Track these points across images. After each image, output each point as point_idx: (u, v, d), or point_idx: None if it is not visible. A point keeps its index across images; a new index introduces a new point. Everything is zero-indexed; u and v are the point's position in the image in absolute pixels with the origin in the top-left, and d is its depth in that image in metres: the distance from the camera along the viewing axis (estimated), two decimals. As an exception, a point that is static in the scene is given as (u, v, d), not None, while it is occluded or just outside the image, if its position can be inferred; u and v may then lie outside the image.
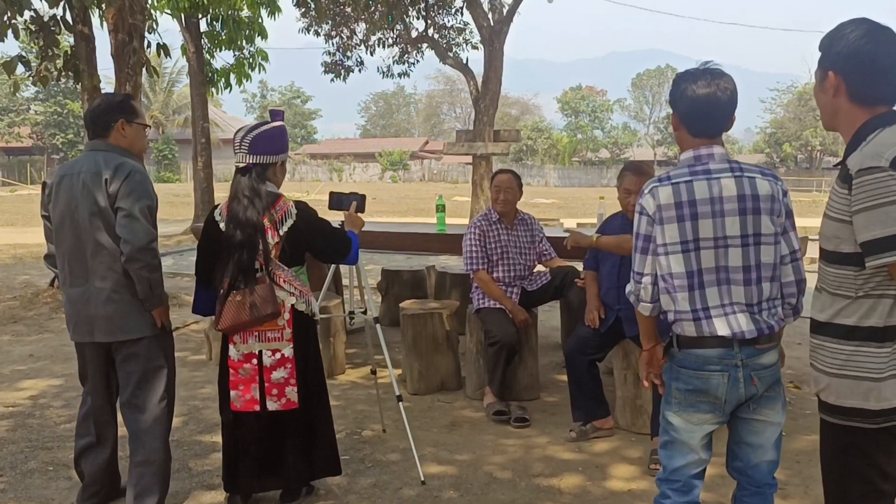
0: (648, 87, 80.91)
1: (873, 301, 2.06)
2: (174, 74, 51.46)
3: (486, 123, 17.40)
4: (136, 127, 3.46)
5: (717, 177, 2.46)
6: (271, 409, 3.43)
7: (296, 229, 3.37)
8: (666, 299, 2.52)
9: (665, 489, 2.63)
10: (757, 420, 2.55)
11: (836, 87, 2.15)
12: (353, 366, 6.05)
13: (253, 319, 3.32)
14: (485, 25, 17.31)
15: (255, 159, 3.38)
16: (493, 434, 4.56)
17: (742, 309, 2.45)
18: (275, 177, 3.48)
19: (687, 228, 2.44)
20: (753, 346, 2.46)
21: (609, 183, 53.29)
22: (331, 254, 3.66)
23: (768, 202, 2.46)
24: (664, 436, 2.63)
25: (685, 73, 2.57)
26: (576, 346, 4.52)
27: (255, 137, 3.39)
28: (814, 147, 56.78)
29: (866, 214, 1.99)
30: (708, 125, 2.51)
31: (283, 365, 3.41)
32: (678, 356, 2.53)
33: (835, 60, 2.15)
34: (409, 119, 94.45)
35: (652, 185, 2.52)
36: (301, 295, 3.43)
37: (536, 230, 5.35)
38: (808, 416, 4.85)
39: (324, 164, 59.32)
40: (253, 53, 14.72)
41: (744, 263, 2.45)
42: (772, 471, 2.63)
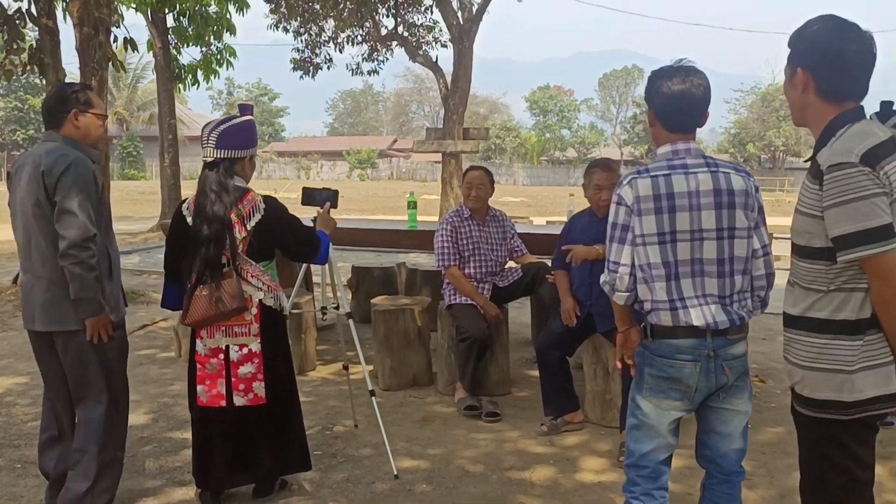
0: (615, 88, 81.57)
1: (845, 295, 2.10)
2: (139, 70, 50.72)
3: (456, 122, 17.44)
4: (90, 117, 3.36)
5: (694, 171, 2.52)
6: (238, 405, 3.41)
7: (264, 224, 3.35)
8: (643, 289, 2.56)
9: (633, 476, 2.67)
10: (726, 409, 2.61)
11: (805, 84, 2.17)
12: (324, 362, 6.04)
13: (218, 314, 3.32)
14: (454, 24, 17.35)
15: (222, 154, 3.35)
16: (465, 429, 4.59)
17: (715, 300, 2.51)
18: (243, 171, 3.46)
19: (665, 220, 2.49)
20: (725, 336, 2.52)
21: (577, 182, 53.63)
22: (299, 251, 3.62)
23: (742, 197, 2.53)
24: (632, 419, 2.68)
25: (660, 70, 2.61)
26: (547, 342, 4.57)
27: (222, 132, 3.37)
28: (777, 147, 57.68)
29: (837, 210, 2.02)
30: (683, 121, 2.56)
31: (250, 360, 3.40)
32: (652, 345, 2.59)
33: (803, 57, 2.17)
34: (378, 117, 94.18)
35: (631, 176, 2.56)
36: (269, 290, 3.42)
37: (508, 227, 5.39)
38: (773, 409, 4.96)
39: (291, 162, 58.93)
40: (221, 49, 14.58)
41: (718, 256, 2.51)
42: (739, 459, 2.70)
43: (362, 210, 25.26)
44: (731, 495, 2.71)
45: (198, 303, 3.33)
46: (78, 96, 3.35)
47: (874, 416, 2.13)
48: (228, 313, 3.33)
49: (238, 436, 3.48)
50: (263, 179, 52.73)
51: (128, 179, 46.14)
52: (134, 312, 7.90)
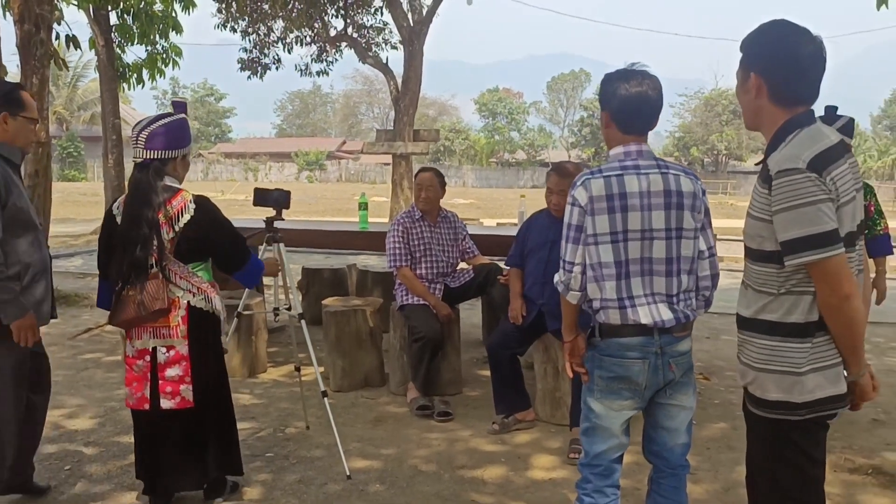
0: (563, 91, 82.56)
1: (795, 298, 2.13)
2: (79, 69, 49.50)
3: (406, 123, 17.44)
4: (21, 121, 3.29)
5: (646, 172, 2.58)
6: (165, 408, 3.31)
7: (192, 224, 3.25)
8: (593, 287, 2.60)
9: (587, 473, 2.73)
10: (672, 405, 2.68)
11: (758, 88, 2.18)
12: (275, 364, 6.00)
13: (141, 316, 3.23)
14: (405, 25, 17.34)
15: (153, 154, 3.26)
16: (417, 428, 4.61)
17: (662, 299, 2.58)
18: (175, 171, 3.36)
19: (617, 220, 2.54)
20: (671, 334, 2.59)
21: (525, 184, 54.07)
22: (225, 257, 3.44)
23: (690, 199, 2.60)
24: (586, 422, 2.73)
25: (616, 73, 2.66)
26: (498, 341, 4.61)
27: (153, 132, 3.28)
28: (720, 151, 59.01)
29: (785, 215, 2.05)
30: (637, 123, 2.62)
31: (177, 362, 3.31)
32: (601, 345, 2.63)
33: (756, 61, 2.19)
34: (326, 119, 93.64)
35: (584, 177, 2.60)
36: (199, 292, 3.33)
37: (459, 228, 5.43)
38: (717, 406, 5.08)
39: (239, 164, 58.23)
40: (166, 48, 14.31)
41: (667, 255, 2.58)
42: (685, 453, 2.78)
43: (311, 212, 25.08)
44: (678, 488, 2.78)
45: (123, 304, 3.26)
46: (9, 98, 3.27)
47: (824, 415, 2.18)
48: (150, 315, 3.23)
49: (166, 440, 3.41)
50: (210, 181, 51.97)
51: (68, 181, 45.05)
52: (78, 316, 7.75)
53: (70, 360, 6.05)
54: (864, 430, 4.59)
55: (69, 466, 3.97)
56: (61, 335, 6.89)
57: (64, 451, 4.18)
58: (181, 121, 3.37)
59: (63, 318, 7.59)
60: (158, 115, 3.36)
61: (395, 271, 5.19)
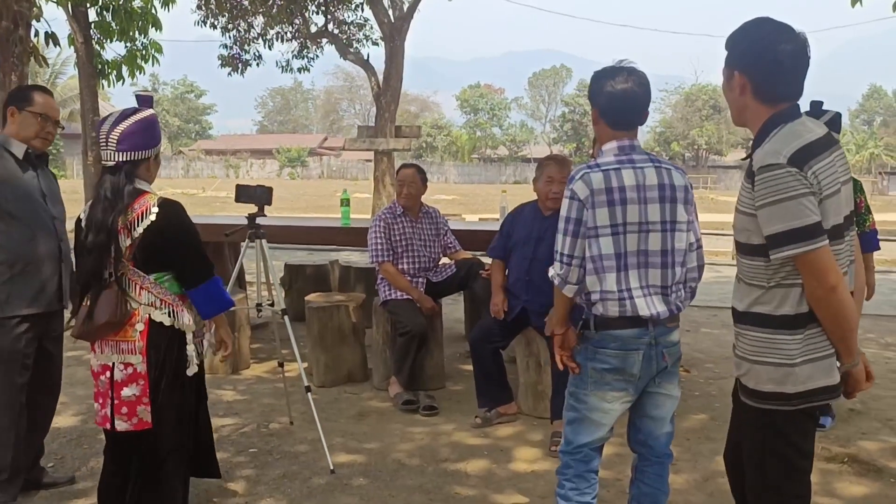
0: (544, 87, 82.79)
1: (784, 290, 2.16)
2: (58, 66, 48.99)
3: (388, 119, 17.46)
4: (26, 115, 3.40)
5: (641, 166, 2.64)
6: (120, 430, 2.99)
7: (152, 230, 2.94)
8: (592, 280, 2.62)
9: (567, 460, 2.77)
10: (660, 394, 2.74)
11: (742, 86, 2.23)
12: (258, 360, 6.01)
13: (90, 329, 2.95)
14: (385, 22, 17.35)
15: (124, 157, 2.97)
16: (401, 423, 4.64)
17: (657, 291, 2.64)
18: (147, 172, 3.09)
19: (617, 212, 2.58)
20: (665, 325, 2.65)
21: (507, 179, 54.15)
22: (181, 268, 3.06)
23: (682, 192, 2.68)
24: (572, 412, 2.76)
25: (604, 71, 2.71)
26: (481, 335, 4.65)
27: (123, 132, 2.96)
28: (700, 146, 59.42)
29: (768, 210, 2.09)
30: (627, 118, 2.68)
31: (135, 381, 2.98)
32: (595, 338, 2.66)
33: (740, 59, 2.23)
34: (308, 115, 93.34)
35: (582, 171, 2.63)
36: (163, 305, 2.99)
37: (441, 223, 5.46)
38: (697, 398, 5.15)
39: (219, 161, 57.90)
40: (146, 45, 14.21)
41: (662, 248, 2.63)
42: (669, 442, 2.84)
43: (293, 209, 25.02)
44: (661, 476, 2.84)
45: (80, 316, 3.00)
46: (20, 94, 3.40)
47: (816, 406, 2.21)
48: (100, 329, 2.93)
49: (125, 462, 3.11)
50: (191, 178, 51.67)
51: (47, 178, 44.49)
52: (58, 314, 7.70)
53: (51, 359, 6.02)
54: (841, 419, 4.67)
55: (52, 464, 3.97)
56: (42, 333, 6.85)
57: (46, 448, 4.17)
58: (151, 118, 3.10)
59: (44, 317, 7.56)
60: (124, 112, 3.07)
61: (378, 267, 5.21)
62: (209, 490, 3.64)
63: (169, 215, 2.99)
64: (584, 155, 58.95)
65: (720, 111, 58.97)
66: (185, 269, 3.05)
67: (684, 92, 63.26)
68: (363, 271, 7.08)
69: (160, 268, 3.01)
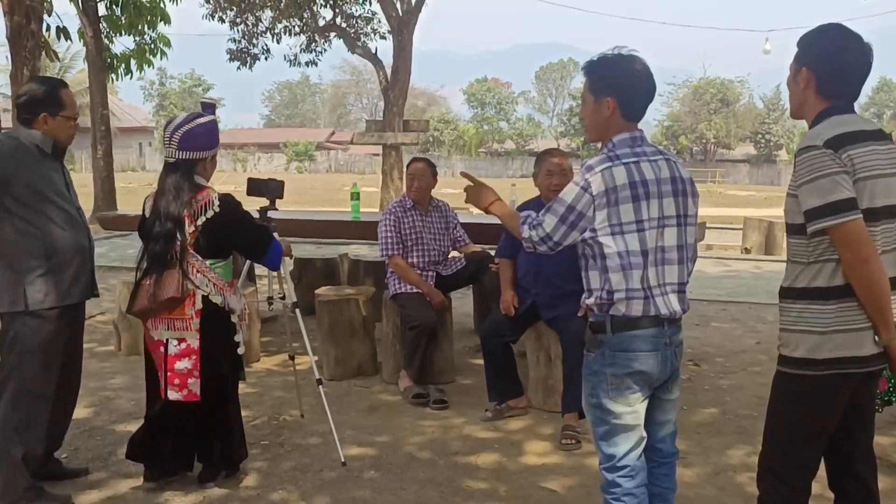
0: (551, 80, 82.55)
1: (821, 265, 2.33)
2: (67, 60, 49.07)
3: (396, 113, 17.46)
4: (60, 120, 3.45)
5: (654, 159, 2.57)
6: (171, 399, 3.41)
7: (215, 221, 3.35)
8: (618, 277, 2.50)
9: (613, 477, 2.61)
10: (667, 400, 2.69)
11: (807, 81, 2.41)
12: (268, 353, 6.03)
13: (153, 305, 3.32)
14: (393, 15, 17.34)
15: (184, 155, 3.38)
16: (411, 416, 4.66)
17: (674, 289, 2.57)
18: (204, 171, 3.49)
19: (642, 208, 2.50)
20: (677, 324, 2.60)
21: (514, 174, 54.06)
22: (249, 249, 3.68)
23: (690, 185, 2.64)
24: (601, 426, 2.62)
25: (619, 57, 2.57)
26: (491, 329, 4.66)
27: (185, 133, 3.37)
28: (708, 140, 59.16)
29: (806, 187, 2.29)
30: (641, 109, 2.60)
31: (187, 355, 3.39)
32: (612, 340, 2.54)
33: (810, 58, 2.42)
34: (315, 109, 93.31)
35: (605, 164, 2.51)
36: (216, 288, 3.40)
37: (451, 217, 5.46)
38: (707, 392, 5.15)
39: (227, 155, 57.94)
40: (154, 39, 14.26)
41: (678, 243, 2.57)
42: (674, 440, 2.80)
43: (301, 203, 25.01)
44: (669, 476, 2.79)
45: (140, 293, 3.37)
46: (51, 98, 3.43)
47: (843, 374, 2.34)
48: (163, 304, 3.32)
49: (171, 428, 3.54)
50: (198, 172, 51.65)
51: (56, 172, 44.65)
52: (69, 307, 7.74)
53: (63, 352, 6.06)
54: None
55: (66, 454, 4.00)
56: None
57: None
58: (211, 123, 3.47)
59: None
60: (190, 116, 3.46)
61: (387, 260, 5.22)
62: (222, 483, 3.66)
63: (229, 207, 3.40)
64: (590, 149, 58.84)
65: (728, 105, 58.76)
66: (252, 247, 3.61)
67: (692, 85, 62.90)
68: (372, 265, 7.09)
69: (218, 254, 3.43)
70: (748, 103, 61.74)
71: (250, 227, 3.58)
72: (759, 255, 12.73)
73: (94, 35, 14.89)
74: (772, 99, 59.69)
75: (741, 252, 13.25)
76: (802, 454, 2.47)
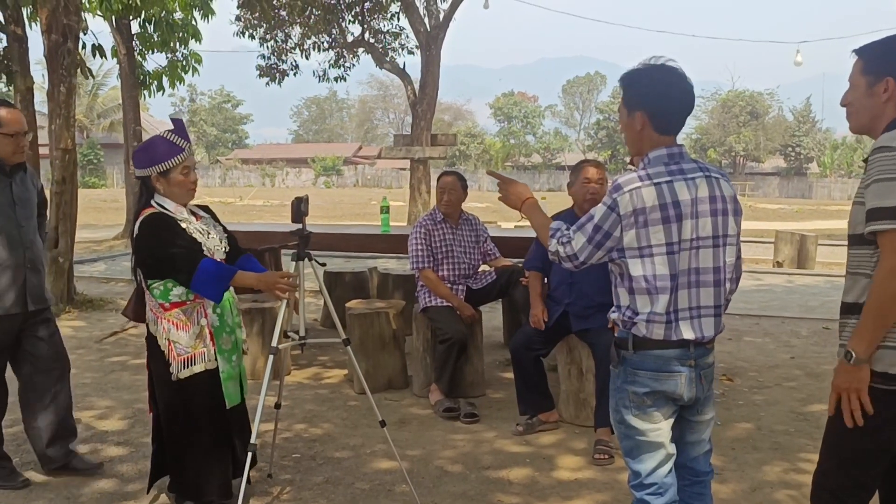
0: (578, 94, 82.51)
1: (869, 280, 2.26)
2: (99, 77, 50.01)
3: (424, 128, 17.52)
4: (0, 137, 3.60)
5: (692, 177, 2.45)
6: None
7: (137, 241, 3.34)
8: (644, 300, 2.44)
9: (641, 495, 2.57)
10: (697, 421, 2.61)
11: (892, 93, 2.30)
12: (299, 367, 6.05)
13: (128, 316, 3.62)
14: (421, 31, 17.44)
15: (137, 172, 3.42)
16: (442, 430, 4.64)
17: (709, 312, 2.48)
18: (167, 189, 3.35)
19: (673, 230, 2.40)
20: (705, 346, 2.52)
21: (542, 187, 54.01)
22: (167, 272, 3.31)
23: (732, 203, 2.51)
24: (627, 441, 2.58)
25: (651, 69, 2.50)
26: (522, 342, 4.64)
27: (134, 152, 3.46)
28: (737, 153, 58.70)
29: (876, 186, 2.19)
30: (677, 122, 2.49)
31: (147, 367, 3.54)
32: (632, 359, 2.50)
33: (889, 67, 2.30)
34: (342, 124, 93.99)
35: (634, 185, 2.41)
36: (149, 310, 3.40)
37: (481, 230, 5.46)
38: (741, 407, 5.08)
39: (256, 170, 58.56)
40: (186, 56, 14.46)
41: (714, 264, 2.47)
42: (708, 459, 2.72)
43: (330, 217, 25.20)
44: (703, 494, 2.71)
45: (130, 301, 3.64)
46: None
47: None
48: (129, 317, 3.61)
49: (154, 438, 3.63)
50: (227, 187, 52.33)
51: (89, 188, 45.42)
52: (104, 319, 7.85)
53: (98, 363, 6.14)
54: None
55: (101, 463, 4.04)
56: (88, 338, 6.99)
57: (95, 450, 4.25)
58: (151, 140, 3.42)
59: (89, 322, 7.71)
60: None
61: (418, 273, 5.23)
62: (254, 496, 3.68)
63: (146, 227, 3.29)
64: (618, 162, 58.63)
65: (757, 117, 58.30)
66: (165, 271, 3.32)
67: (721, 98, 62.55)
68: (402, 278, 7.10)
69: (150, 275, 3.36)
70: (778, 115, 61.26)
71: (156, 249, 3.28)
72: (792, 269, 12.58)
73: (127, 52, 15.13)
74: (802, 111, 59.12)
75: (773, 265, 13.10)
76: (864, 473, 2.38)
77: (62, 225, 7.99)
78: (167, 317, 3.33)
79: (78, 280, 9.23)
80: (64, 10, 7.36)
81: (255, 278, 3.35)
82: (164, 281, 3.32)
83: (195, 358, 3.33)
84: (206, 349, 3.36)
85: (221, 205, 30.34)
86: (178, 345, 3.32)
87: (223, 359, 3.42)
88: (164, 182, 3.34)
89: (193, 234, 3.36)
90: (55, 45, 7.40)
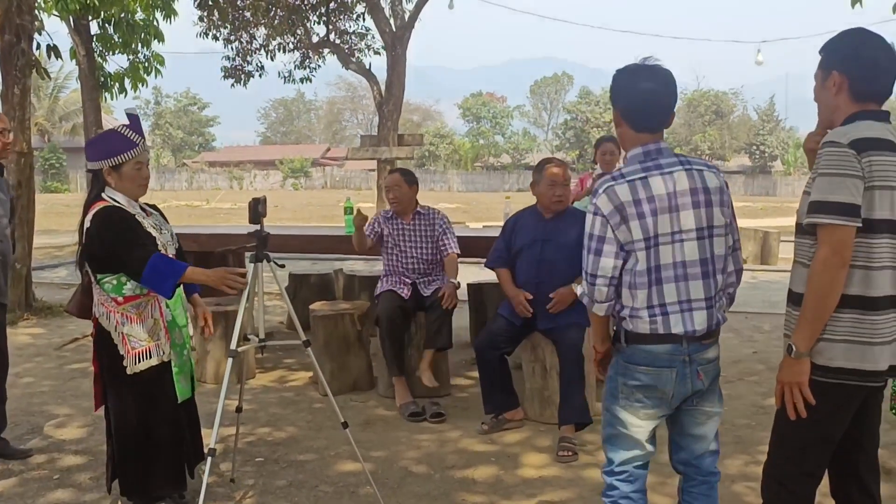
0: (546, 94, 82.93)
1: None
2: (60, 80, 49.15)
3: (391, 128, 17.46)
4: None
5: (670, 171, 2.47)
6: None
7: (87, 236, 3.30)
8: (626, 295, 2.48)
9: (612, 481, 2.63)
10: (700, 411, 2.60)
11: (840, 86, 2.36)
12: (264, 370, 5.99)
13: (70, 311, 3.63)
14: (387, 31, 17.38)
15: (88, 166, 3.39)
16: (407, 430, 4.62)
17: (700, 305, 2.48)
18: (119, 183, 3.32)
19: (648, 224, 2.42)
20: (700, 341, 2.49)
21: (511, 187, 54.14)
22: (120, 266, 3.30)
23: (718, 194, 2.51)
24: (608, 428, 2.62)
25: (626, 69, 2.55)
26: (486, 341, 4.63)
27: (86, 145, 3.47)
28: (703, 151, 59.30)
29: (820, 179, 2.26)
30: (650, 120, 2.52)
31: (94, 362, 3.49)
32: (626, 351, 2.53)
33: (839, 61, 2.37)
34: (310, 126, 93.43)
35: (607, 184, 2.47)
36: (99, 305, 3.36)
37: (438, 223, 5.35)
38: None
39: (223, 172, 57.99)
40: (148, 57, 14.26)
41: (700, 256, 2.47)
42: (715, 461, 2.69)
43: (297, 219, 25.02)
44: (710, 496, 2.68)
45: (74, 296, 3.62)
46: None
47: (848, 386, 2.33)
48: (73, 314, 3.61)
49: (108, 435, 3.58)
50: (194, 190, 51.81)
51: (51, 192, 44.65)
52: (64, 326, 7.70)
53: (56, 371, 6.03)
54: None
55: (58, 476, 3.97)
56: (47, 345, 6.86)
57: (52, 460, 4.17)
58: (103, 133, 3.47)
59: (48, 329, 7.57)
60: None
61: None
62: (216, 501, 3.63)
63: (99, 220, 3.26)
64: (586, 162, 58.95)
65: (722, 116, 58.98)
66: (117, 265, 3.30)
67: (686, 97, 63.11)
68: (368, 279, 7.07)
69: (100, 269, 3.33)
70: (742, 115, 62.02)
71: (116, 240, 3.25)
72: (755, 265, 12.73)
73: (86, 54, 14.83)
74: (766, 111, 59.95)
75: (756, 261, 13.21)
76: (810, 462, 2.43)
77: (19, 230, 7.79)
78: (120, 311, 3.33)
79: (37, 286, 9.06)
80: (17, 9, 7.22)
81: (205, 274, 3.33)
82: (117, 275, 3.31)
83: (150, 351, 3.35)
84: (159, 342, 3.38)
85: (188, 208, 30.04)
86: (133, 338, 3.33)
87: (175, 353, 3.43)
88: (116, 176, 3.33)
89: (148, 229, 3.36)
90: (8, 46, 7.26)
